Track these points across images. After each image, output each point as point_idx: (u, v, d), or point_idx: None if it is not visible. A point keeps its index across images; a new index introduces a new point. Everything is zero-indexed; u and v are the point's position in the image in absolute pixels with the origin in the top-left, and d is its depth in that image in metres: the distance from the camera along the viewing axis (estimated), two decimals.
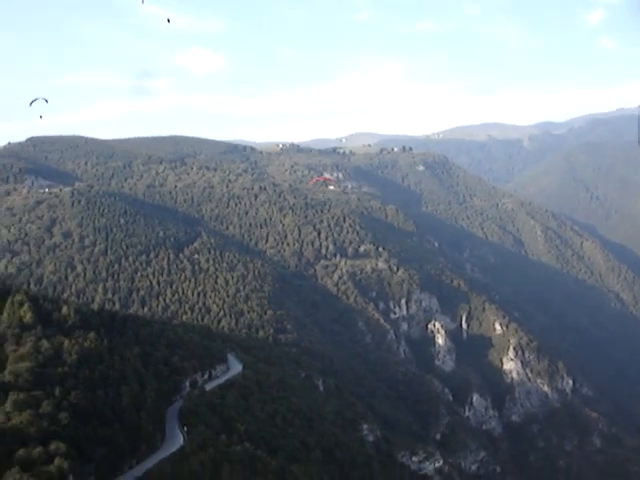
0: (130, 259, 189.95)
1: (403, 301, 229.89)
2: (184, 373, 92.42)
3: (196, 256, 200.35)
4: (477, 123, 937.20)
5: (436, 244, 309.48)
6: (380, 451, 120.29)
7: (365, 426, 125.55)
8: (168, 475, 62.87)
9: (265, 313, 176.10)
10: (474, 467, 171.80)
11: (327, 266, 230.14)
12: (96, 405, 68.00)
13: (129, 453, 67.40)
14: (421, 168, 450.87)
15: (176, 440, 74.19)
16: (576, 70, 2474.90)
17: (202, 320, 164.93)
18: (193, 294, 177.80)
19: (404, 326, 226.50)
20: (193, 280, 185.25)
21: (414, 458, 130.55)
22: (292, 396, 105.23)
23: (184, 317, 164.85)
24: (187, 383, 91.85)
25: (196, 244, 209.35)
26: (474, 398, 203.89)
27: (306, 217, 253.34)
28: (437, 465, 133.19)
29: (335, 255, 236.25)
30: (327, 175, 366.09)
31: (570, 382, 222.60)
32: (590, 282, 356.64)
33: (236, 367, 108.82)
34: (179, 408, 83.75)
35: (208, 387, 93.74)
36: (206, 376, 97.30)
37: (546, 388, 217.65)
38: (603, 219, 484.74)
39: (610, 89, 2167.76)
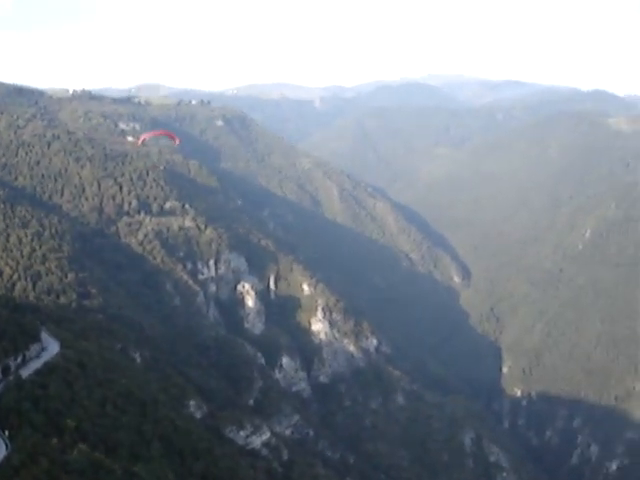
0: None
1: (212, 261, 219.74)
2: None
3: None
4: (270, 82, 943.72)
5: (239, 202, 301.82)
6: (209, 428, 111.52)
7: (192, 402, 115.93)
8: None
9: (66, 276, 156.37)
10: (288, 432, 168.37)
11: (130, 224, 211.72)
12: None
13: None
14: (220, 123, 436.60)
15: None
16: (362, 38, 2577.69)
17: None
18: None
19: (213, 287, 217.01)
20: None
21: (241, 432, 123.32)
22: (120, 377, 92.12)
23: None
24: None
25: None
26: (284, 360, 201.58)
27: (106, 169, 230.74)
28: (264, 438, 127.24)
29: (139, 212, 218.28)
30: (123, 125, 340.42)
31: (374, 341, 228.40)
32: (382, 242, 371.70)
33: (52, 345, 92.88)
34: None
35: (24, 374, 77.64)
36: (19, 359, 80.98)
37: (352, 348, 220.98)
38: (391, 181, 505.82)
39: (395, 58, 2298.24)
